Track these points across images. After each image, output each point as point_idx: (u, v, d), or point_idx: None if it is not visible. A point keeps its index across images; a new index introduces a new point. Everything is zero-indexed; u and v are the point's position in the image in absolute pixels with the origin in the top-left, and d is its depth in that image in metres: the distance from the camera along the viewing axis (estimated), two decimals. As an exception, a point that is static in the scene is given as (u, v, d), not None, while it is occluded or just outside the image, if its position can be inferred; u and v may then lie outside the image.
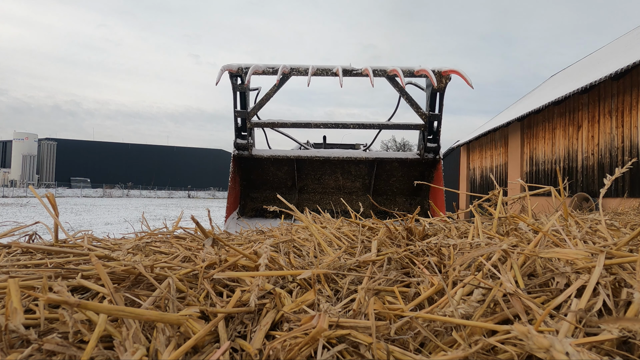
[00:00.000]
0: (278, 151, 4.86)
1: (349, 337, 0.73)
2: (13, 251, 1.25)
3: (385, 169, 4.97)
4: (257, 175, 5.00)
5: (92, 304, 0.67)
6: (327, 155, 4.76)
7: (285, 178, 4.98)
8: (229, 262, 1.03)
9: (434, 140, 4.74)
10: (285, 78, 4.36)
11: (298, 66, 4.33)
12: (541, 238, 1.06)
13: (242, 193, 5.09)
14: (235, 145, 4.68)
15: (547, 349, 0.57)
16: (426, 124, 4.57)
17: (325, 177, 5.09)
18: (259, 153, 4.76)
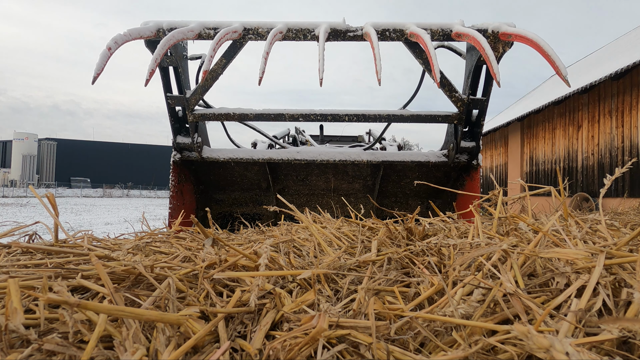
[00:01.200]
0: (241, 151, 3.52)
1: (349, 337, 0.73)
2: (13, 251, 1.25)
3: (395, 169, 3.62)
4: (218, 175, 3.70)
5: (92, 304, 0.67)
6: (312, 158, 3.41)
7: (257, 179, 3.71)
8: (229, 262, 1.03)
9: (473, 136, 3.26)
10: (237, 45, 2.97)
11: (258, 24, 2.87)
12: (541, 238, 1.06)
13: (199, 201, 3.83)
14: (175, 147, 3.37)
15: (547, 349, 0.57)
16: (462, 113, 3.09)
17: (311, 178, 3.80)
18: (213, 155, 3.43)
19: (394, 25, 2.85)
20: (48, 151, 64.25)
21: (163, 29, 2.86)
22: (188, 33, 2.74)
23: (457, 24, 2.84)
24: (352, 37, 2.87)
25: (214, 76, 3.04)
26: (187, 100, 3.13)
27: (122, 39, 2.64)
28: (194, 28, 2.81)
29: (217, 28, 2.86)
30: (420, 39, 2.63)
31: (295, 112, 3.25)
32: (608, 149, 10.98)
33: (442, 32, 2.85)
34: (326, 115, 3.25)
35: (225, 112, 3.26)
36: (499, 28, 2.75)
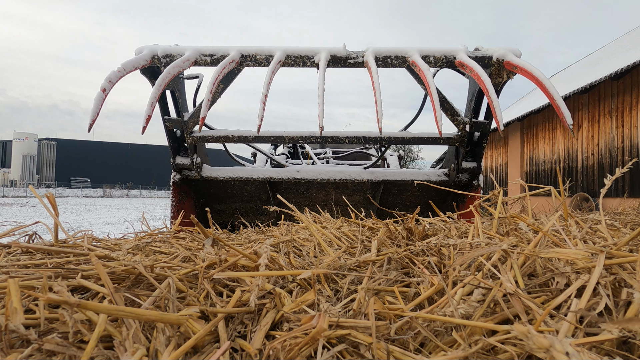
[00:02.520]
0: (240, 170, 3.47)
1: (349, 337, 0.73)
2: (13, 251, 1.25)
3: (396, 183, 3.58)
4: (218, 189, 3.65)
5: (92, 304, 0.67)
6: (312, 178, 3.40)
7: (257, 192, 3.65)
8: (229, 262, 1.03)
9: (474, 156, 3.24)
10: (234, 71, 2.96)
11: (255, 51, 2.81)
12: (541, 238, 1.06)
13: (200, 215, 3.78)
14: (174, 167, 3.35)
15: (547, 349, 0.57)
16: (464, 136, 3.07)
17: (312, 191, 3.79)
18: (213, 174, 3.40)
19: (396, 52, 2.82)
20: (48, 151, 64.27)
21: (158, 56, 2.83)
22: (184, 64, 2.71)
23: (461, 51, 2.80)
24: (352, 64, 2.86)
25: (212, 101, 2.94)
26: (185, 123, 3.12)
27: (117, 77, 2.60)
28: (189, 57, 2.77)
29: (214, 54, 2.82)
30: (422, 74, 2.59)
31: (295, 134, 3.21)
32: (608, 149, 10.98)
33: (445, 59, 2.82)
34: (326, 137, 3.18)
35: (224, 134, 3.24)
36: (505, 56, 2.69)
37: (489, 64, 2.77)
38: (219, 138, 3.21)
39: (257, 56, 2.82)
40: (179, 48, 2.87)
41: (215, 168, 3.49)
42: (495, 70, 2.76)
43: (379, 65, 2.79)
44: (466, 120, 3.02)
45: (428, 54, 2.81)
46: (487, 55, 2.78)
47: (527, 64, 2.55)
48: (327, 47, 2.82)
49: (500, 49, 2.76)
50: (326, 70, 2.68)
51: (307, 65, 2.84)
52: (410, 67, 2.82)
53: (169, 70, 2.58)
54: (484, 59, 2.77)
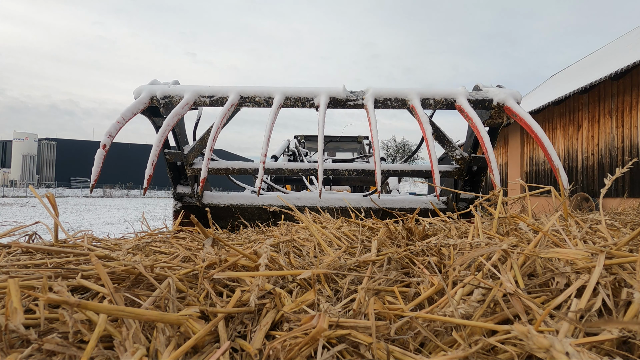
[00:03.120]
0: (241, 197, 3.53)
1: (349, 337, 0.73)
2: (13, 251, 1.25)
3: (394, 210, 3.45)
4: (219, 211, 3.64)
5: (92, 304, 0.67)
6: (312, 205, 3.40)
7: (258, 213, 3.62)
8: (229, 262, 1.03)
9: (473, 187, 3.29)
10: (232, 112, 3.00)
11: (254, 93, 2.88)
12: (541, 238, 1.06)
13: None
14: (175, 196, 3.46)
15: (547, 349, 0.57)
16: (463, 170, 3.15)
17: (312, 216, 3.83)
18: (213, 201, 3.47)
19: (397, 95, 2.85)
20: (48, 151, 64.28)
21: (156, 98, 2.86)
22: (182, 110, 2.75)
23: (461, 95, 2.82)
24: (352, 106, 2.90)
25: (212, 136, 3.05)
26: (185, 156, 3.17)
27: (117, 129, 2.61)
28: (188, 100, 2.80)
29: (213, 96, 2.88)
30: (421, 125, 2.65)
31: (295, 167, 3.28)
32: (608, 149, 10.98)
33: (446, 102, 2.86)
34: (326, 170, 3.17)
35: (224, 166, 3.31)
36: (505, 101, 2.71)
37: (489, 107, 2.82)
38: (219, 170, 3.26)
39: (256, 98, 2.88)
40: (177, 89, 2.88)
41: (216, 194, 3.58)
42: (495, 112, 2.82)
43: (378, 107, 2.86)
44: (465, 156, 3.07)
45: (428, 97, 2.85)
46: (487, 99, 2.82)
47: (526, 115, 2.60)
48: (327, 90, 2.86)
49: (501, 93, 2.76)
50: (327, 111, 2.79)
51: (307, 106, 2.91)
52: (410, 111, 2.87)
53: (168, 122, 2.64)
54: (485, 102, 2.82)
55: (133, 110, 2.74)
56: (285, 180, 6.48)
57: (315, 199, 3.46)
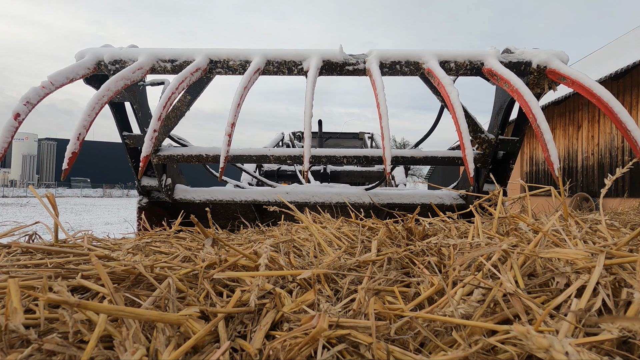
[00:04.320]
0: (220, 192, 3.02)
1: (349, 337, 0.73)
2: (13, 251, 1.25)
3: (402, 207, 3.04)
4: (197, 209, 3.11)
5: (92, 303, 0.67)
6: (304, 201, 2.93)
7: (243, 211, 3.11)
8: (229, 262, 1.03)
9: (498, 179, 2.66)
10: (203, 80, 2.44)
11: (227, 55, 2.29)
12: (541, 238, 1.06)
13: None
14: (140, 190, 2.95)
15: (547, 349, 0.57)
16: (487, 155, 2.57)
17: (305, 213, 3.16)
18: (187, 196, 2.95)
19: (408, 57, 2.26)
20: (48, 151, 64.31)
21: (104, 63, 2.28)
22: (133, 74, 2.14)
23: (491, 55, 2.21)
24: (351, 72, 2.31)
25: (178, 114, 2.58)
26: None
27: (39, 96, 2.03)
28: (143, 64, 2.20)
29: (175, 60, 2.30)
30: (442, 89, 2.02)
31: (282, 153, 2.70)
32: (608, 149, 10.98)
33: (470, 65, 2.26)
34: (320, 157, 2.70)
35: (197, 152, 2.72)
36: (548, 63, 2.11)
37: (527, 71, 2.22)
38: (190, 158, 2.73)
39: (229, 62, 2.30)
40: (131, 52, 2.32)
41: (190, 189, 3.05)
42: (533, 79, 2.21)
43: (385, 73, 2.28)
44: (491, 138, 2.52)
45: (448, 59, 2.26)
46: (524, 61, 2.22)
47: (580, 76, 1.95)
48: (319, 50, 2.29)
49: (541, 53, 2.20)
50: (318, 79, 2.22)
51: (294, 73, 2.31)
52: (425, 75, 2.27)
53: (108, 86, 2.00)
54: (520, 65, 2.22)
55: (69, 74, 2.13)
56: (278, 177, 6.05)
57: (308, 193, 2.99)
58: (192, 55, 2.30)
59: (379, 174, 5.89)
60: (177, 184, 3.07)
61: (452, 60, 2.28)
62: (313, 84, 2.13)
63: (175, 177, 3.05)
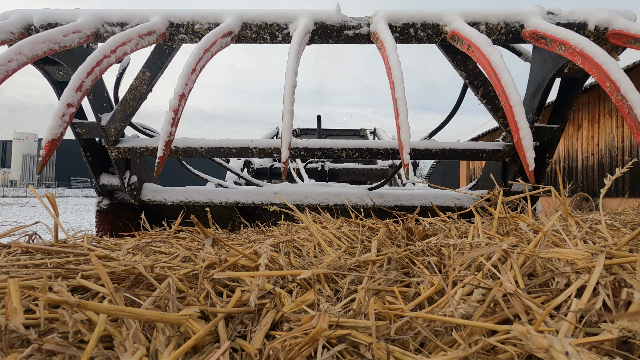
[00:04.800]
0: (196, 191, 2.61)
1: (349, 337, 0.73)
2: (13, 251, 1.25)
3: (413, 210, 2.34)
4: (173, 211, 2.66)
5: (92, 303, 0.67)
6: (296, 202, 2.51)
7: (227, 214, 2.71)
8: (229, 262, 1.03)
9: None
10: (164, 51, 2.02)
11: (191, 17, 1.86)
12: (541, 238, 1.06)
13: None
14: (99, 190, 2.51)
15: (547, 349, 0.57)
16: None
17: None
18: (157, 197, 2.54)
19: (425, 18, 1.82)
20: (48, 151, 64.19)
21: (34, 27, 1.83)
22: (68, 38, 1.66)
23: (534, 14, 1.77)
24: (352, 38, 1.89)
25: (137, 95, 2.13)
26: (105, 129, 2.21)
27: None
28: (82, 26, 1.73)
29: (126, 23, 1.85)
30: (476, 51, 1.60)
31: (267, 145, 2.28)
32: (608, 149, 10.97)
33: (506, 29, 1.80)
34: (313, 149, 2.29)
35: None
36: (610, 23, 1.65)
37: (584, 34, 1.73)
38: (154, 151, 2.29)
39: (195, 26, 1.84)
40: (67, 12, 1.87)
41: (161, 189, 2.63)
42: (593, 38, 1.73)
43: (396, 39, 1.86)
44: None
45: (477, 21, 1.80)
46: (576, 22, 1.75)
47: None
48: (311, 11, 1.88)
49: (599, 11, 1.74)
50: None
51: (278, 39, 1.87)
52: (448, 40, 1.81)
53: (20, 48, 1.53)
54: (572, 28, 1.75)
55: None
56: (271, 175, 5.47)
57: (300, 193, 2.59)
58: (146, 17, 1.86)
59: (382, 172, 5.40)
60: (145, 182, 2.66)
61: (482, 21, 1.82)
62: (298, 44, 1.70)
63: (142, 175, 2.63)
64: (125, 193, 2.56)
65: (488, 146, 2.30)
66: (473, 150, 2.32)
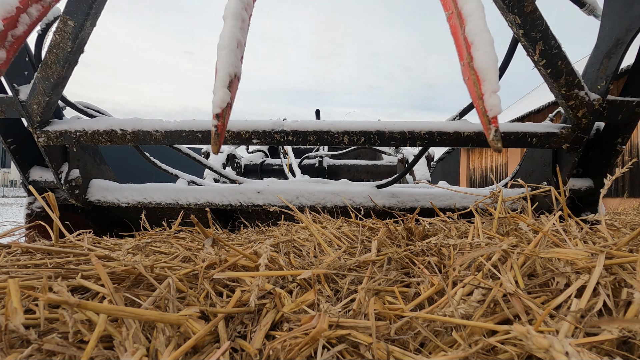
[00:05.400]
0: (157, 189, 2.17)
1: (349, 337, 0.73)
2: (13, 251, 1.25)
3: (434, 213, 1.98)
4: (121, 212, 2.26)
5: (92, 304, 0.68)
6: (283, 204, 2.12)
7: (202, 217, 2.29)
8: (229, 262, 1.03)
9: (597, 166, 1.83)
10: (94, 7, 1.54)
11: None
12: (541, 238, 1.06)
13: None
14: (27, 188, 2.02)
15: (547, 349, 0.57)
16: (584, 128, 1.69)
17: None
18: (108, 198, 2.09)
19: None
20: (48, 151, 64.19)
21: None
22: None
23: None
24: None
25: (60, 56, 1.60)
26: (25, 106, 1.72)
27: None
28: None
29: None
30: None
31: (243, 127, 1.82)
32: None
33: None
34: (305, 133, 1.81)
35: (107, 127, 1.82)
36: None
37: None
38: (97, 135, 1.82)
39: None
40: None
41: (114, 187, 2.17)
42: None
43: None
44: (594, 100, 1.59)
45: None
46: None
47: None
48: None
49: None
50: None
51: None
52: None
53: None
54: None
55: None
56: (262, 172, 4.89)
57: (290, 192, 2.15)
58: None
59: (389, 170, 4.74)
60: (93, 178, 2.17)
61: None
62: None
63: (89, 168, 2.15)
64: (63, 191, 2.04)
65: (539, 128, 1.75)
66: (519, 135, 1.75)
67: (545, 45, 1.58)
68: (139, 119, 1.88)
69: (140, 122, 1.85)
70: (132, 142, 1.86)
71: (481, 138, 1.77)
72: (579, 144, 1.72)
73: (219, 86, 0.92)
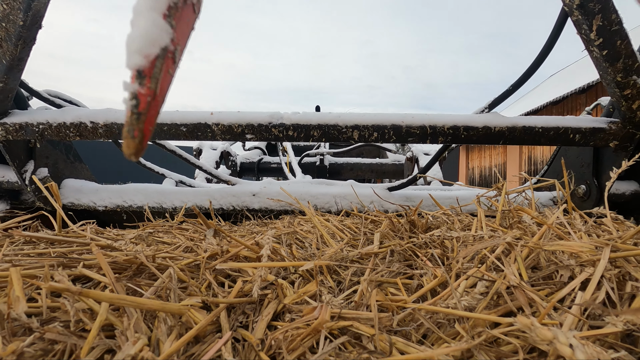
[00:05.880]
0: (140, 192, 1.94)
1: (351, 328, 0.73)
2: (16, 240, 1.25)
3: None
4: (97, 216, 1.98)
5: (93, 292, 0.67)
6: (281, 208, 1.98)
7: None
8: (231, 253, 1.03)
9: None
10: None
11: None
12: (545, 231, 1.06)
13: None
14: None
15: (551, 341, 0.57)
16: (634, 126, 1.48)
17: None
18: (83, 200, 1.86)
19: None
20: (51, 143, 64.32)
21: None
22: None
23: None
24: None
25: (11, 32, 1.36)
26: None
27: None
28: None
29: None
30: None
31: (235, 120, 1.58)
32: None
33: None
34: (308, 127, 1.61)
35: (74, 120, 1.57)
36: None
37: None
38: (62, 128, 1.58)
39: None
40: None
41: (88, 188, 1.92)
42: None
43: None
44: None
45: None
46: None
47: None
48: None
49: None
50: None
51: None
52: None
53: None
54: None
55: None
56: (260, 171, 4.55)
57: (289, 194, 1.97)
58: None
59: (395, 169, 4.38)
60: (65, 178, 1.94)
61: None
62: None
63: (60, 167, 1.92)
64: (28, 195, 1.80)
65: (584, 123, 1.52)
66: (560, 130, 1.53)
67: (604, 20, 1.33)
68: (112, 110, 1.62)
69: (114, 114, 1.60)
70: (104, 136, 1.60)
71: (515, 134, 1.55)
72: (630, 141, 1.49)
73: (146, 7, 0.48)
